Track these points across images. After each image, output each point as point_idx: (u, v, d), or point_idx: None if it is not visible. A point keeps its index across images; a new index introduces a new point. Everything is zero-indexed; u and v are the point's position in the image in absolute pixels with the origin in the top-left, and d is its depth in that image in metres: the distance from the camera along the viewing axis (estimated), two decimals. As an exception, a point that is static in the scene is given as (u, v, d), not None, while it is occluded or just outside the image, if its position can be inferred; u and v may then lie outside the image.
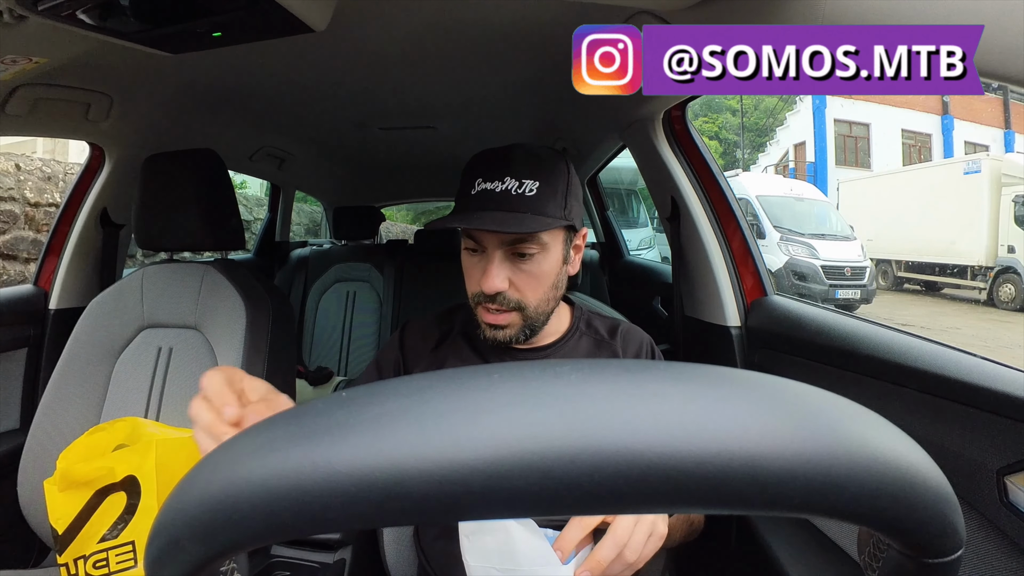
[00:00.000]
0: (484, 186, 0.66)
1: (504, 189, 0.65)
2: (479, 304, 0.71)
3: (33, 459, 0.99)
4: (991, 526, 0.58)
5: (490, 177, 0.67)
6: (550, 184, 0.67)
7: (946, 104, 12.69)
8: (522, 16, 0.95)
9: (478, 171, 0.68)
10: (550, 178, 0.67)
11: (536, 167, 0.67)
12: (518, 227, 0.64)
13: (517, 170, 0.66)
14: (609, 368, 0.20)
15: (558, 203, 0.68)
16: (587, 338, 0.79)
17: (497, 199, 0.66)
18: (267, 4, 0.67)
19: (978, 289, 8.19)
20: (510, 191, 0.65)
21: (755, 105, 18.35)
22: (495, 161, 0.68)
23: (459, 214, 0.69)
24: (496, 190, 0.66)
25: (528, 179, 0.66)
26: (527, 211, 0.65)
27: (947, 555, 0.19)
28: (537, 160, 0.68)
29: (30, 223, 2.93)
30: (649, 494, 0.17)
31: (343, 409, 0.19)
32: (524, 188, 0.65)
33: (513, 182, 0.66)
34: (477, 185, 0.67)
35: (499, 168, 0.67)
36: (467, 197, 0.68)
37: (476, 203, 0.66)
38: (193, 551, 0.19)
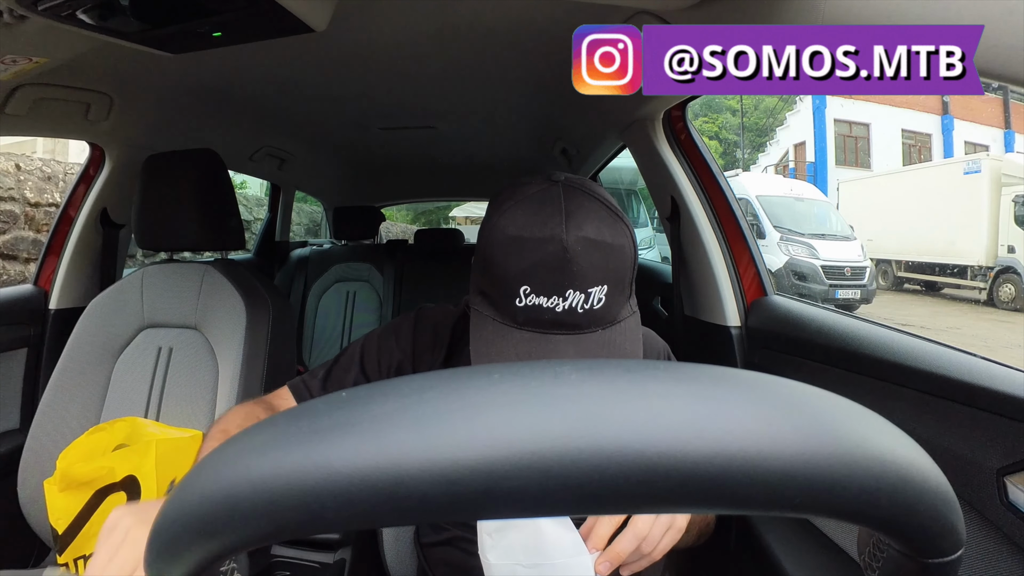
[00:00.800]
0: (536, 301, 0.51)
1: (567, 308, 0.51)
2: None
3: (33, 459, 0.99)
4: (991, 526, 0.58)
5: (545, 291, 0.51)
6: (617, 282, 0.54)
7: (946, 104, 12.69)
8: (522, 16, 0.95)
9: (523, 275, 0.52)
10: (618, 272, 0.54)
11: (603, 264, 0.52)
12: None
13: (580, 278, 0.51)
14: (609, 368, 0.20)
15: (626, 296, 0.56)
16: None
17: (559, 322, 0.52)
18: (267, 4, 0.67)
19: (978, 289, 8.19)
20: (575, 308, 0.51)
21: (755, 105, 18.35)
22: (549, 262, 0.51)
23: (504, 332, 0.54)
24: (556, 309, 0.51)
25: (595, 286, 0.52)
26: (596, 327, 0.53)
27: (947, 555, 0.19)
28: (604, 252, 0.52)
29: (30, 223, 2.93)
30: (649, 494, 0.17)
31: (343, 409, 0.19)
32: (592, 300, 0.52)
33: (577, 296, 0.51)
34: (525, 295, 0.52)
35: (557, 277, 0.51)
36: (511, 308, 0.53)
37: (527, 322, 0.53)
38: (193, 551, 0.19)
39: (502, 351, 0.54)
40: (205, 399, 1.01)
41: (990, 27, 0.42)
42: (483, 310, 0.57)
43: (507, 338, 0.54)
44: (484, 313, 0.57)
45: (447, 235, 2.50)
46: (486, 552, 0.57)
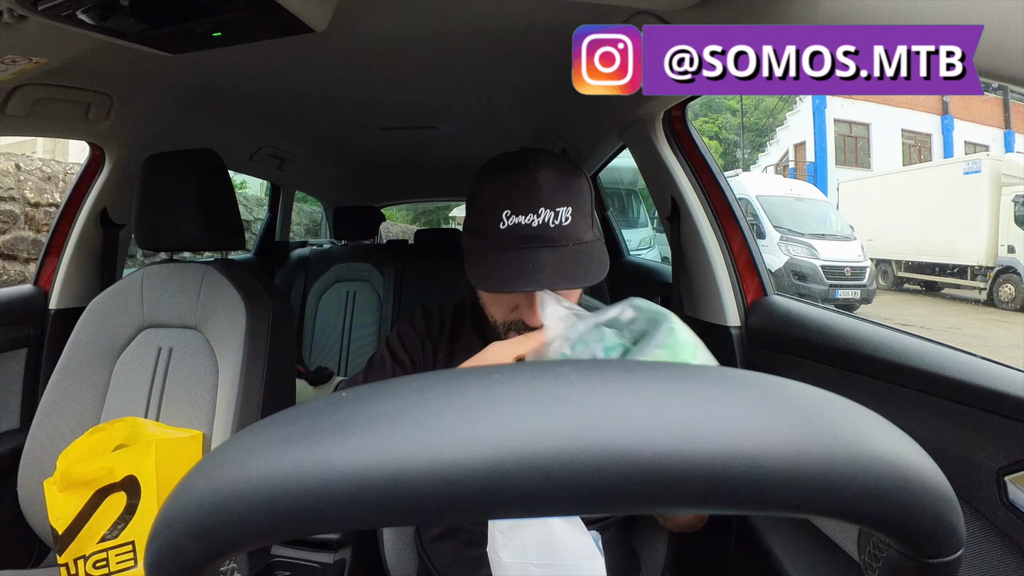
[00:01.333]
0: (516, 220, 0.62)
1: (541, 223, 0.62)
2: (512, 330, 0.68)
3: (33, 459, 0.99)
4: (991, 526, 0.58)
5: (521, 209, 0.62)
6: (580, 207, 0.65)
7: (946, 104, 12.69)
8: (522, 16, 0.95)
9: (503, 200, 0.63)
10: (579, 199, 0.65)
11: (565, 190, 0.64)
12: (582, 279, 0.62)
13: (548, 198, 0.62)
14: (609, 368, 0.20)
15: (588, 223, 0.66)
16: None
17: (536, 235, 0.62)
18: (267, 4, 0.67)
19: (978, 289, 8.19)
20: (547, 223, 0.62)
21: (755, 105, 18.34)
22: (522, 189, 0.63)
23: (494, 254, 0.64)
24: (532, 224, 0.62)
25: (561, 206, 0.63)
26: (567, 242, 0.63)
27: (947, 555, 0.19)
28: (564, 182, 0.64)
29: (30, 223, 2.93)
30: (649, 494, 0.17)
31: (343, 409, 0.19)
32: (560, 217, 0.62)
33: (548, 212, 0.62)
34: (507, 218, 0.62)
35: (529, 198, 0.62)
36: (496, 232, 0.63)
37: (511, 240, 0.63)
38: (193, 551, 0.19)
39: (493, 267, 0.63)
40: (205, 399, 1.01)
41: (990, 27, 0.42)
42: (473, 244, 0.67)
43: (494, 254, 0.64)
44: (475, 247, 0.67)
45: (447, 235, 2.50)
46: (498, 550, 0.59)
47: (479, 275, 0.64)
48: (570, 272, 0.62)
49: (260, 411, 0.99)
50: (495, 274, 0.63)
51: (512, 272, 0.62)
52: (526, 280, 0.61)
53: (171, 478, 0.90)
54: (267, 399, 1.00)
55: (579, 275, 0.63)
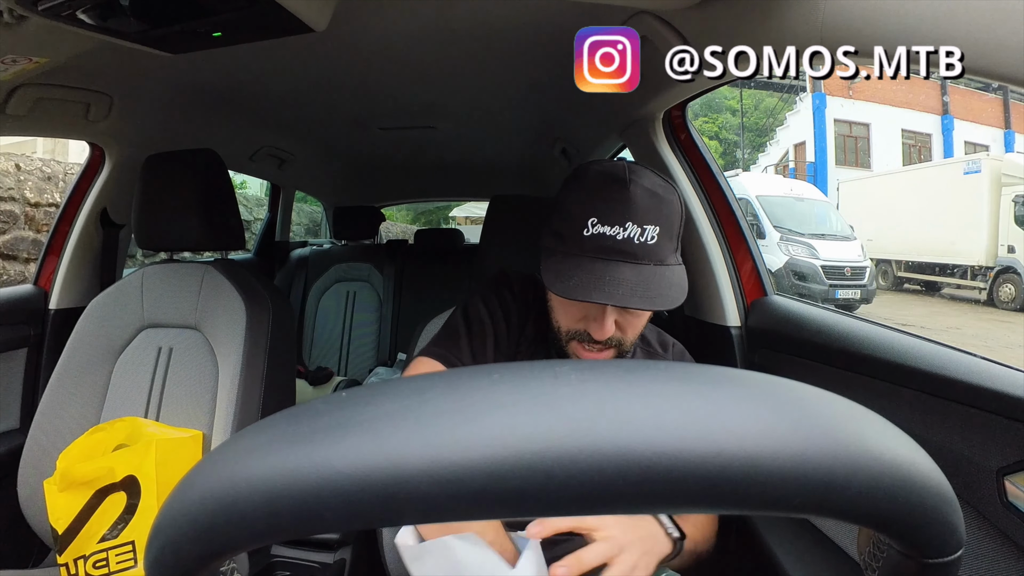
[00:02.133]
0: (601, 229, 0.61)
1: (626, 237, 0.60)
2: (575, 340, 0.67)
3: (33, 459, 0.99)
4: (991, 526, 0.58)
5: (609, 220, 0.61)
6: (668, 227, 0.63)
7: (946, 104, 12.69)
8: (522, 16, 0.95)
9: (592, 208, 0.62)
10: (669, 219, 0.63)
11: (656, 209, 0.62)
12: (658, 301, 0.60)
13: (638, 214, 0.61)
14: (609, 368, 0.20)
15: (674, 245, 0.64)
16: (640, 351, 0.79)
17: (619, 248, 0.60)
18: (267, 4, 0.67)
19: (978, 289, 8.19)
20: (632, 239, 0.60)
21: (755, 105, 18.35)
22: (613, 200, 0.61)
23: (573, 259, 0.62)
24: (617, 237, 0.60)
25: (650, 224, 0.61)
26: (649, 261, 0.61)
27: (947, 555, 0.19)
28: (657, 200, 0.63)
29: (30, 223, 2.93)
30: (649, 494, 0.17)
31: (343, 409, 0.19)
32: (646, 236, 0.61)
33: (635, 228, 0.60)
34: (592, 226, 0.61)
35: (620, 210, 0.61)
36: (579, 238, 0.62)
37: (593, 249, 0.61)
38: (193, 551, 0.19)
39: (569, 268, 0.61)
40: (205, 399, 1.01)
41: (990, 27, 0.42)
42: (554, 246, 0.65)
43: (573, 261, 0.62)
44: (555, 249, 0.65)
45: (447, 235, 2.50)
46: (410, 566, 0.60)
47: (553, 277, 0.62)
48: (647, 292, 0.60)
49: (260, 411, 0.99)
50: (570, 280, 0.61)
51: (588, 281, 0.60)
52: (601, 292, 0.59)
53: (171, 478, 0.90)
54: (267, 399, 1.00)
55: (655, 297, 0.60)
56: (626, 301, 0.59)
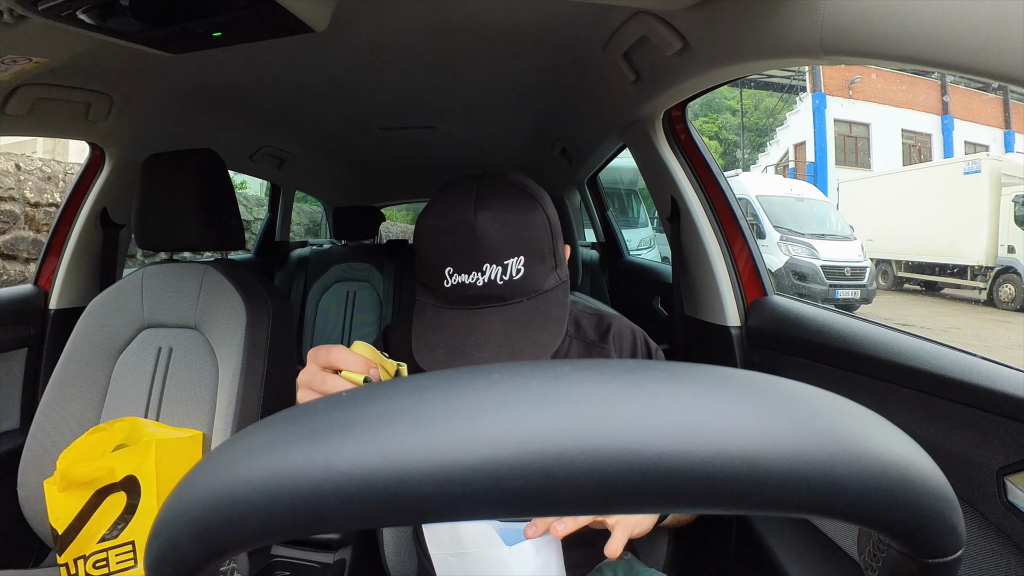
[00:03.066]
0: (459, 279, 0.56)
1: (487, 281, 0.55)
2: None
3: (33, 459, 0.99)
4: (991, 526, 0.58)
5: (463, 267, 0.55)
6: (534, 253, 0.57)
7: (946, 104, 12.70)
8: (522, 16, 0.95)
9: (445, 256, 0.57)
10: (532, 245, 0.57)
11: (515, 237, 0.56)
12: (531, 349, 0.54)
13: (493, 251, 0.55)
14: (609, 368, 0.20)
15: (548, 266, 0.59)
16: (576, 343, 0.74)
17: (481, 295, 0.55)
18: (267, 4, 0.67)
19: (978, 289, 8.20)
20: (495, 280, 0.55)
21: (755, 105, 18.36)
22: (463, 241, 0.55)
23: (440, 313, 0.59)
24: (477, 284, 0.55)
25: (510, 258, 0.55)
26: (520, 297, 0.56)
27: (947, 555, 0.19)
28: (514, 226, 0.56)
29: (30, 223, 2.93)
30: (649, 494, 0.17)
31: (343, 409, 0.19)
32: (509, 271, 0.55)
33: (494, 268, 0.55)
34: (450, 276, 0.56)
35: (471, 253, 0.55)
36: (442, 290, 0.58)
37: (456, 300, 0.57)
38: (193, 551, 0.19)
39: (436, 329, 0.58)
40: (205, 399, 1.01)
41: (990, 27, 0.42)
42: (423, 298, 0.62)
43: (441, 318, 0.58)
44: (424, 301, 0.62)
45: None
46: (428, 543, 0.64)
47: (421, 347, 0.58)
48: (519, 340, 0.55)
49: (260, 411, 0.99)
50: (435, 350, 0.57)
51: (454, 345, 0.56)
52: (464, 357, 0.54)
53: (171, 478, 0.90)
54: (267, 399, 1.00)
55: (528, 342, 0.55)
56: (495, 358, 0.54)
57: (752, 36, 0.69)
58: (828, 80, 12.66)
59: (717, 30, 0.75)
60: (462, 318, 0.57)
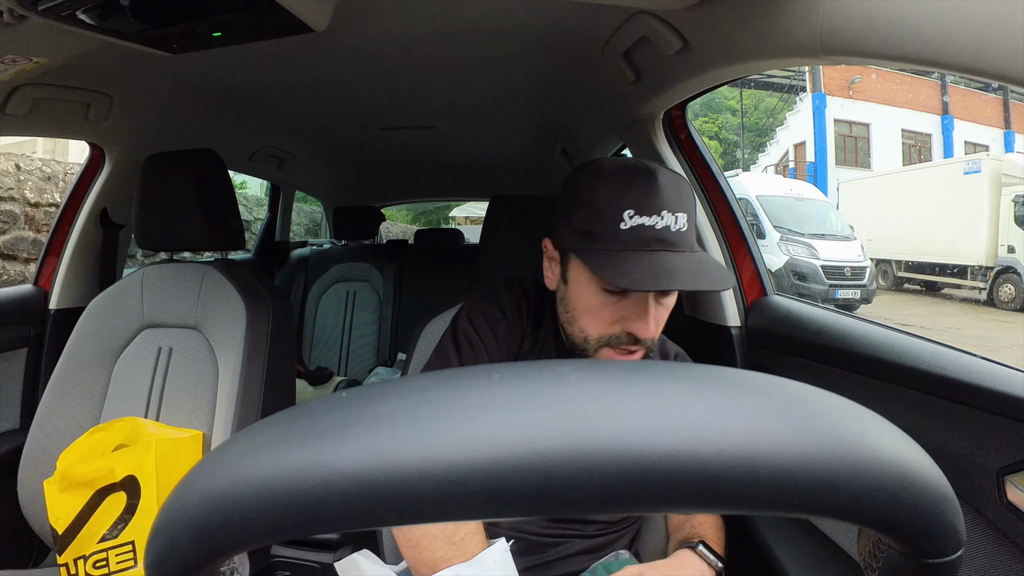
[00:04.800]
0: (640, 221, 0.59)
1: (664, 226, 0.59)
2: (607, 345, 0.64)
3: (33, 459, 0.99)
4: (991, 526, 0.58)
5: (646, 211, 0.59)
6: (691, 215, 0.63)
7: (946, 104, 12.70)
8: (522, 16, 0.95)
9: (625, 199, 0.60)
10: (692, 207, 0.63)
11: (681, 196, 0.62)
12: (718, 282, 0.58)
13: (670, 201, 0.60)
14: (609, 368, 0.20)
15: (695, 232, 0.65)
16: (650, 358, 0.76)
17: (659, 237, 0.60)
18: (267, 4, 0.67)
19: (978, 289, 8.20)
20: (669, 227, 0.60)
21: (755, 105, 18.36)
22: (645, 189, 0.61)
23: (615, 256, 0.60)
24: (656, 227, 0.59)
25: (679, 211, 0.61)
26: (686, 248, 0.61)
27: (947, 555, 0.19)
28: (680, 188, 0.63)
29: (30, 223, 2.93)
30: (649, 494, 0.17)
31: (343, 409, 0.19)
32: (679, 223, 0.60)
33: (670, 216, 0.60)
34: (629, 219, 0.59)
35: (654, 200, 0.60)
36: (616, 232, 0.60)
37: (633, 242, 0.60)
38: (193, 551, 0.19)
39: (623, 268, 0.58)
40: (205, 399, 1.01)
41: (990, 27, 0.42)
42: (587, 245, 0.62)
43: (621, 257, 0.59)
44: (589, 248, 0.62)
45: (447, 235, 2.50)
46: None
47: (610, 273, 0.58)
48: (700, 276, 0.59)
49: (260, 411, 0.99)
50: (630, 273, 0.58)
51: (646, 273, 0.57)
52: (657, 279, 0.57)
53: (171, 478, 0.90)
54: (267, 399, 1.00)
55: (708, 280, 0.59)
56: (688, 284, 0.57)
57: (752, 36, 0.69)
58: (828, 80, 12.66)
59: (717, 30, 0.75)
60: (642, 255, 0.59)
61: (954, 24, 0.44)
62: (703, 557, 0.67)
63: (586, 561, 0.72)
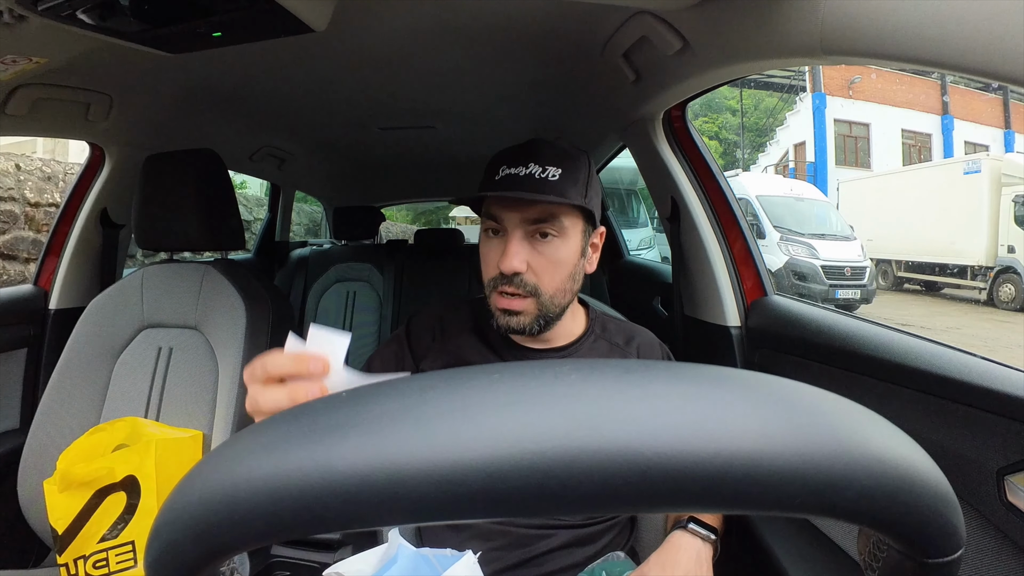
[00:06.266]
0: (508, 171, 0.69)
1: (528, 173, 0.68)
2: (494, 290, 0.71)
3: (33, 459, 0.99)
4: (991, 526, 0.58)
5: (514, 163, 0.69)
6: (571, 172, 0.70)
7: (946, 104, 12.70)
8: (522, 16, 0.95)
9: (503, 159, 0.71)
10: (572, 166, 0.70)
11: (559, 156, 0.70)
12: (552, 195, 0.66)
13: (541, 157, 0.69)
14: (609, 368, 0.20)
15: (579, 190, 0.71)
16: (602, 342, 0.79)
17: (521, 181, 0.68)
18: (267, 4, 0.67)
19: (978, 289, 8.20)
20: (533, 175, 0.68)
21: (755, 105, 18.36)
22: (519, 150, 0.71)
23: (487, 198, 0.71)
24: (520, 174, 0.68)
25: (551, 166, 0.68)
26: (550, 192, 0.68)
27: (947, 555, 0.19)
28: (560, 150, 0.71)
29: (30, 223, 2.93)
30: (649, 494, 0.17)
31: (343, 409, 0.19)
32: (548, 173, 0.68)
33: (536, 167, 0.68)
34: (501, 171, 0.70)
35: (523, 155, 0.70)
36: (491, 182, 0.71)
37: (500, 185, 0.69)
38: (193, 551, 0.19)
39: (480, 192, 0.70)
40: (205, 399, 1.01)
41: (990, 27, 0.42)
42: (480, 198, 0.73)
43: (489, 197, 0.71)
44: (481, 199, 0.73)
45: (447, 235, 2.50)
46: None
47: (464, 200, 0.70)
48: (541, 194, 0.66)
49: (260, 411, 0.99)
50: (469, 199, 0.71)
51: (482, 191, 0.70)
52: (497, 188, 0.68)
53: (171, 478, 0.90)
54: (267, 399, 1.00)
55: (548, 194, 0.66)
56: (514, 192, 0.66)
57: (752, 36, 0.69)
58: (828, 80, 12.66)
59: (717, 30, 0.75)
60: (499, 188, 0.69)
61: (954, 24, 0.44)
62: (695, 534, 0.69)
63: (575, 554, 0.72)
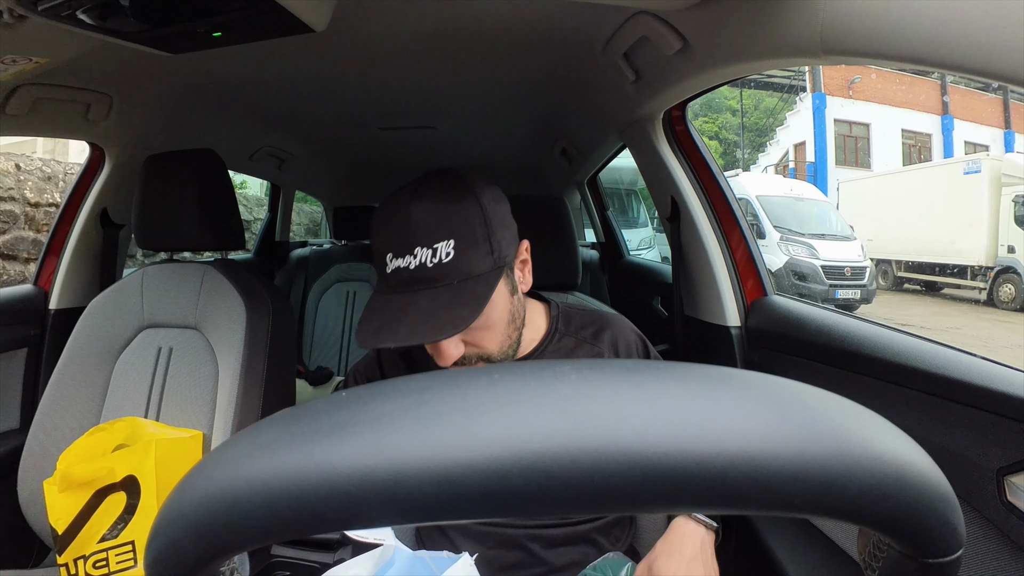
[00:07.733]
0: (396, 264, 0.60)
1: (418, 264, 0.59)
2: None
3: (33, 459, 0.99)
4: (991, 526, 0.58)
5: (399, 252, 0.60)
6: (465, 236, 0.60)
7: (946, 104, 12.71)
8: (522, 16, 0.95)
9: (385, 243, 0.62)
10: (463, 229, 0.61)
11: (445, 222, 0.60)
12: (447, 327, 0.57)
13: (424, 235, 0.59)
14: (609, 368, 0.20)
15: (482, 251, 0.61)
16: (567, 339, 0.75)
17: (415, 278, 0.59)
18: (267, 4, 0.67)
19: (978, 289, 8.20)
20: (425, 264, 0.59)
21: (755, 105, 18.37)
22: (399, 228, 0.61)
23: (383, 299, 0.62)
24: (410, 267, 0.59)
25: (440, 241, 0.59)
26: (452, 279, 0.59)
27: (947, 555, 0.19)
28: (444, 212, 0.61)
29: (30, 223, 2.93)
30: (650, 494, 0.17)
31: (343, 409, 0.19)
32: (439, 255, 0.59)
33: (425, 252, 0.59)
34: (389, 261, 0.61)
35: (405, 238, 0.60)
36: (384, 275, 0.62)
37: (396, 284, 0.61)
38: (193, 551, 0.19)
39: (375, 311, 0.62)
40: (205, 399, 1.01)
41: (990, 27, 0.42)
42: (377, 287, 0.65)
43: (380, 301, 0.62)
44: (377, 290, 0.65)
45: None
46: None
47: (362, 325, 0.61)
48: (438, 320, 0.58)
49: (260, 411, 0.99)
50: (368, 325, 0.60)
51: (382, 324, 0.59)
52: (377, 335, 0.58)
53: (171, 478, 0.90)
54: (267, 399, 1.00)
55: (445, 324, 0.57)
56: (408, 339, 0.57)
57: (752, 36, 0.69)
58: (828, 80, 12.66)
59: (717, 30, 0.75)
60: (397, 299, 0.61)
61: (954, 24, 0.44)
62: (698, 521, 0.68)
63: (575, 553, 0.72)
